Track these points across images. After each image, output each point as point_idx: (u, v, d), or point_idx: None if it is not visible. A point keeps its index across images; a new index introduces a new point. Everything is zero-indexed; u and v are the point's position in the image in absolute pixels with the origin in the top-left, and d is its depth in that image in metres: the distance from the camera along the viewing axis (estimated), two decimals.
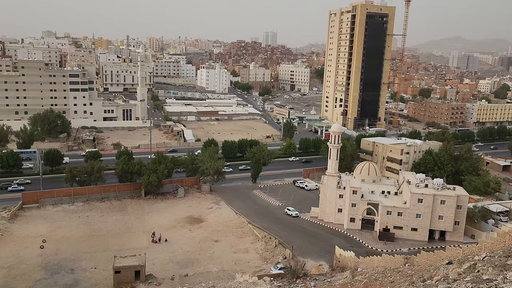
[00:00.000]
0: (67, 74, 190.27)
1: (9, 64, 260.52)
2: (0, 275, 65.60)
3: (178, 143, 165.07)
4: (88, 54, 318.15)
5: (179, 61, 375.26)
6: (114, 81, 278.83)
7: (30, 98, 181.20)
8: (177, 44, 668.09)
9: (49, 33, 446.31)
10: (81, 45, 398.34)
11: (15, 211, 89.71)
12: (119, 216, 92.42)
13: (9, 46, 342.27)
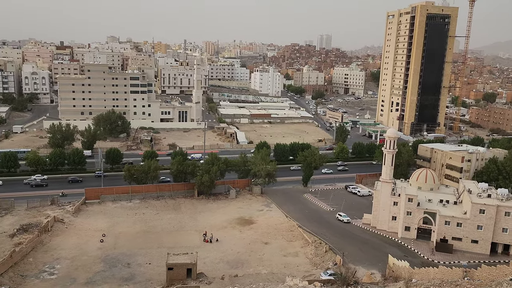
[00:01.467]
0: (128, 77, 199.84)
1: (76, 67, 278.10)
2: (64, 266, 69.99)
3: (231, 145, 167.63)
4: (148, 58, 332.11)
5: (233, 64, 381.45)
6: (171, 84, 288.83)
7: (94, 100, 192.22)
8: (232, 47, 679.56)
9: (113, 38, 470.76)
10: (141, 49, 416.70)
11: (78, 206, 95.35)
12: (173, 214, 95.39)
13: (77, 50, 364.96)
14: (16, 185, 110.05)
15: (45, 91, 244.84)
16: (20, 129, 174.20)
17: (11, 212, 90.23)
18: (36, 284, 64.29)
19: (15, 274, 65.74)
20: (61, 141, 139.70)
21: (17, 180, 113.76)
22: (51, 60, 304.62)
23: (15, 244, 73.78)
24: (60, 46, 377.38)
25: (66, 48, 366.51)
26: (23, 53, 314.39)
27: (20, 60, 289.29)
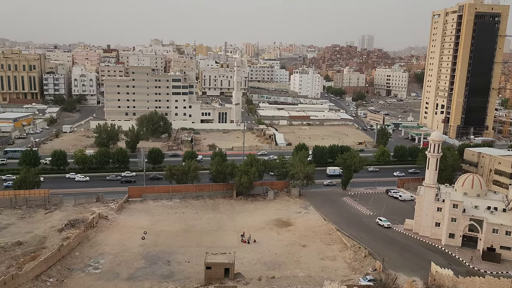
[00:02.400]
0: (170, 78, 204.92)
1: (122, 70, 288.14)
2: (108, 261, 72.65)
3: (269, 146, 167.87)
4: (190, 60, 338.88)
5: (273, 66, 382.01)
6: (211, 85, 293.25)
7: (138, 101, 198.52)
8: (271, 49, 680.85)
9: (156, 41, 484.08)
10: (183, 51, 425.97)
11: (121, 204, 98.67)
12: (212, 214, 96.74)
13: (122, 53, 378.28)
14: (64, 181, 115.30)
15: (93, 92, 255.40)
16: (69, 128, 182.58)
17: (60, 208, 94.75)
18: (82, 277, 67.11)
19: (62, 267, 68.95)
20: (106, 140, 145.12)
21: (64, 177, 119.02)
22: (98, 62, 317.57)
23: (63, 238, 77.37)
24: (106, 49, 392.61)
25: (112, 51, 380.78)
26: (73, 56, 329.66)
27: (70, 63, 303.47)
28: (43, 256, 68.50)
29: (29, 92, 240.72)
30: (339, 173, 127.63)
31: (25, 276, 62.05)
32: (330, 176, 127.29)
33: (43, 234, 79.96)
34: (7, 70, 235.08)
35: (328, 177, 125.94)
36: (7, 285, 58.50)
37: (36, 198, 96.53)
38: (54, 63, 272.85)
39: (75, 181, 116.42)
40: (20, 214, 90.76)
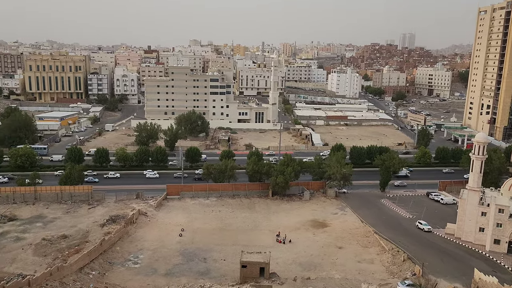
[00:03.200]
0: (208, 78, 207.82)
1: (161, 70, 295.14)
2: (146, 256, 74.67)
3: (306, 146, 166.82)
4: (227, 60, 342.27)
5: (310, 66, 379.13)
6: (249, 85, 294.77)
7: (177, 100, 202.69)
8: (309, 49, 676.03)
9: (195, 41, 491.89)
10: (221, 52, 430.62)
11: (160, 201, 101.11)
12: (247, 213, 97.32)
13: (162, 54, 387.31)
14: (106, 178, 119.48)
15: (134, 92, 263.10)
16: (111, 127, 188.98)
17: (102, 204, 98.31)
18: (122, 271, 69.34)
19: (104, 261, 71.53)
20: (146, 139, 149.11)
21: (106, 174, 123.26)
22: (139, 63, 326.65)
23: (105, 233, 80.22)
24: (147, 50, 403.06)
25: (153, 52, 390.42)
26: (116, 57, 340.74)
27: (113, 64, 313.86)
28: (86, 250, 71.35)
29: (75, 92, 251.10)
30: (405, 173, 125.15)
31: (70, 268, 64.87)
32: (398, 177, 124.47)
33: (86, 229, 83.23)
34: (55, 71, 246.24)
35: (396, 178, 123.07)
36: (53, 276, 61.39)
37: (80, 194, 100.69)
38: (98, 64, 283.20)
39: (116, 178, 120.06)
40: (66, 209, 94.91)
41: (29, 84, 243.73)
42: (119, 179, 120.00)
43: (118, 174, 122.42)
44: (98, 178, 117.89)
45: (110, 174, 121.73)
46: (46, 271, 61.66)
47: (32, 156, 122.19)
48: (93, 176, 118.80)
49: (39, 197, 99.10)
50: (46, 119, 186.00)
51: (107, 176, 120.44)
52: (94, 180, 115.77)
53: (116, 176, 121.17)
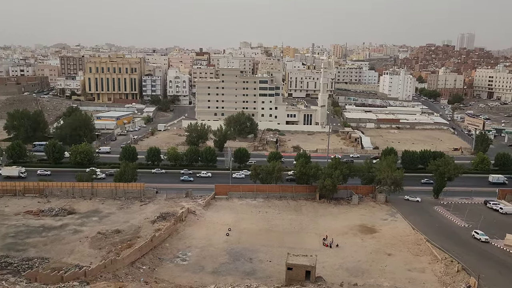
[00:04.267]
0: (258, 80, 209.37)
1: (212, 72, 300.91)
2: (194, 254, 76.36)
3: (355, 149, 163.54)
4: (277, 62, 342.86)
5: (361, 67, 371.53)
6: (298, 87, 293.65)
7: (226, 101, 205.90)
8: (360, 50, 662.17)
9: (245, 43, 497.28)
10: (271, 54, 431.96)
11: (209, 200, 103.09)
12: (294, 215, 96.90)
13: (213, 56, 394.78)
14: (157, 176, 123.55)
15: (185, 93, 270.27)
16: (163, 127, 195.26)
17: (153, 201, 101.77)
18: (171, 267, 71.36)
19: (154, 256, 73.97)
20: (196, 139, 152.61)
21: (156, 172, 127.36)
22: (191, 65, 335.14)
23: (155, 229, 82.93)
24: (199, 52, 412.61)
25: (204, 54, 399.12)
26: (169, 59, 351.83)
27: (166, 66, 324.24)
28: (137, 245, 74.12)
29: (130, 92, 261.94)
30: (503, 181, 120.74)
31: (122, 261, 67.70)
32: (493, 184, 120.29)
33: (138, 224, 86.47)
34: (112, 73, 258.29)
35: (490, 185, 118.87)
36: (107, 268, 64.38)
37: (133, 191, 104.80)
38: (152, 66, 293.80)
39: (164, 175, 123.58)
40: (119, 205, 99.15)
41: (88, 85, 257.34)
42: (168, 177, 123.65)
43: (209, 173, 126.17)
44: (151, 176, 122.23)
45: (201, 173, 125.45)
46: (101, 264, 64.78)
47: (90, 154, 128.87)
48: (189, 175, 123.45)
49: (96, 193, 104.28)
50: (103, 119, 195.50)
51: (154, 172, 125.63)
52: (189, 179, 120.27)
53: (208, 175, 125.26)
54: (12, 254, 71.55)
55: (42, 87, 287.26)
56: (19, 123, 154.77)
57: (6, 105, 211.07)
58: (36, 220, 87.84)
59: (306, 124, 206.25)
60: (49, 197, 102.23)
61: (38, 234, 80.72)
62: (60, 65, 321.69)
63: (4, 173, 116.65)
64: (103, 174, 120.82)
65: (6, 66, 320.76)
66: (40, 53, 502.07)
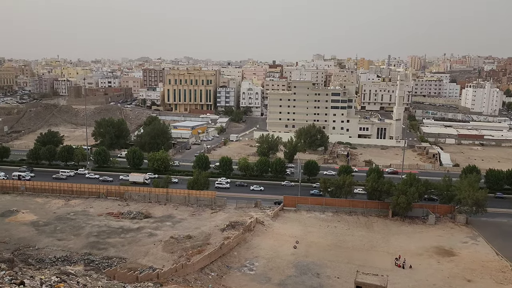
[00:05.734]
0: (330, 92, 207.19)
1: (284, 84, 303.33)
2: (261, 264, 76.74)
3: (432, 166, 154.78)
4: (350, 74, 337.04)
5: (441, 80, 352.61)
6: (371, 100, 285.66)
7: (297, 114, 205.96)
8: (440, 61, 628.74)
9: (319, 56, 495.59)
10: (344, 66, 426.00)
11: (277, 211, 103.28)
12: (364, 232, 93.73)
13: (286, 68, 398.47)
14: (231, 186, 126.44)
15: (257, 105, 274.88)
16: (235, 138, 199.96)
17: (223, 209, 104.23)
18: (238, 276, 72.33)
19: (222, 264, 75.53)
20: (266, 150, 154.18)
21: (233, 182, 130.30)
22: (264, 77, 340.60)
23: (224, 237, 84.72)
24: (272, 65, 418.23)
25: (277, 67, 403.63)
26: (243, 72, 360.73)
27: (240, 78, 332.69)
28: (207, 251, 76.22)
29: (205, 103, 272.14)
30: None
31: (192, 266, 69.98)
32: None
33: (208, 232, 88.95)
34: (189, 84, 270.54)
35: None
36: (178, 272, 66.94)
37: (205, 199, 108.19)
38: (226, 78, 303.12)
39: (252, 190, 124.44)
40: (191, 211, 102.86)
41: (167, 96, 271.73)
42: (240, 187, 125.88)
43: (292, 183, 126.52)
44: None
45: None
46: (172, 267, 67.52)
47: (166, 161, 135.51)
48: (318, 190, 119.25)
49: (170, 199, 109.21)
50: (179, 128, 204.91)
51: None
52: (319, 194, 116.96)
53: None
54: (95, 252, 77.27)
55: (126, 97, 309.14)
56: (105, 130, 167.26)
57: (95, 113, 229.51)
58: (116, 221, 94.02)
59: (379, 138, 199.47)
60: (128, 200, 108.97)
61: (117, 235, 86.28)
62: (142, 77, 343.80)
63: (132, 179, 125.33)
64: (176, 179, 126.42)
65: (96, 78, 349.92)
66: (125, 66, 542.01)
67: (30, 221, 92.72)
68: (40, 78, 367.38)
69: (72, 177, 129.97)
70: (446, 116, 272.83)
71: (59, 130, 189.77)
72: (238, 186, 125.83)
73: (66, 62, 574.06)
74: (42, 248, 78.31)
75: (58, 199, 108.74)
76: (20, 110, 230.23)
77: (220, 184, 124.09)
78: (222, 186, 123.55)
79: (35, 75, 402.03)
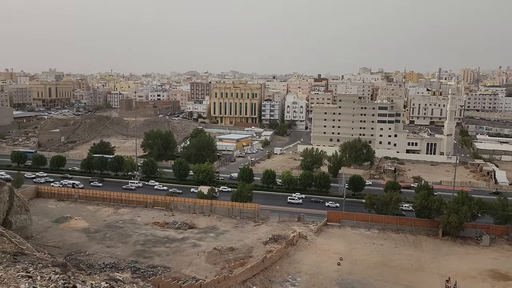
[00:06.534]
0: (377, 106, 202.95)
1: (329, 97, 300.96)
2: (304, 280, 75.55)
3: (487, 184, 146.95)
4: (398, 88, 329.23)
5: (496, 94, 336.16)
6: (421, 114, 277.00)
7: (343, 128, 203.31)
8: (496, 75, 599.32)
9: (365, 69, 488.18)
10: (392, 79, 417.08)
11: (320, 226, 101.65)
12: (412, 251, 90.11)
13: (331, 82, 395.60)
14: (271, 198, 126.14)
15: (302, 118, 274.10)
16: (279, 151, 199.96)
17: (266, 222, 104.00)
18: None
19: (264, 277, 75.11)
20: (310, 164, 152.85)
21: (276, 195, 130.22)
22: (309, 91, 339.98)
23: (267, 251, 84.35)
24: (317, 79, 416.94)
25: (322, 80, 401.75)
26: (288, 85, 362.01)
27: (284, 92, 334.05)
28: (249, 264, 76.15)
29: (250, 116, 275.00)
30: None
31: (234, 279, 70.11)
32: None
33: (251, 244, 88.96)
34: (235, 97, 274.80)
35: None
36: (220, 284, 67.29)
37: (248, 211, 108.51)
38: (271, 91, 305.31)
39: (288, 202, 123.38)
40: (235, 223, 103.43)
41: (213, 108, 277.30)
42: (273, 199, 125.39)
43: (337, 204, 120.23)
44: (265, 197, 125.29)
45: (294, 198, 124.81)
46: (215, 279, 67.97)
47: (211, 173, 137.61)
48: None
49: (214, 210, 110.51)
50: (224, 140, 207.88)
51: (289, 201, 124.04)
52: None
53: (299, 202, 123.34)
54: (141, 260, 79.38)
55: (174, 110, 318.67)
56: (153, 142, 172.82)
57: (144, 125, 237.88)
58: (162, 231, 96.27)
59: (429, 153, 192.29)
60: (174, 211, 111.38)
61: (162, 244, 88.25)
62: (190, 90, 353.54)
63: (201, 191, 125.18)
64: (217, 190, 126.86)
65: (146, 91, 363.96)
66: (174, 80, 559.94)
67: (82, 227, 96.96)
68: (95, 91, 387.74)
69: (141, 188, 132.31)
70: (502, 132, 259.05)
71: (111, 141, 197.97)
72: (313, 203, 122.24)
73: (119, 76, 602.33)
74: (92, 254, 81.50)
75: (108, 207, 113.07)
76: (76, 122, 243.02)
77: (292, 199, 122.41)
78: (294, 201, 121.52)
79: (90, 89, 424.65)
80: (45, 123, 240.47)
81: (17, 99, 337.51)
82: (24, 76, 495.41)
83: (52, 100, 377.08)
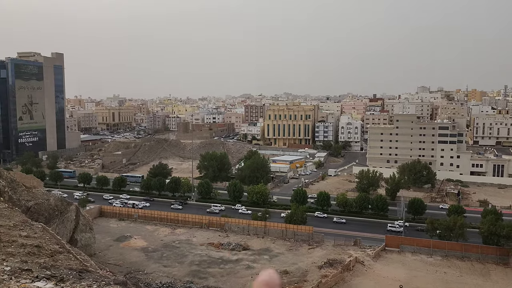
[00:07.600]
0: (437, 126, 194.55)
1: (386, 117, 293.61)
2: None
3: None
4: (460, 107, 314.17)
5: None
6: (485, 134, 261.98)
7: (400, 149, 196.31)
8: None
9: (423, 88, 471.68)
10: (453, 98, 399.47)
11: (378, 251, 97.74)
12: (480, 281, 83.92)
13: (387, 102, 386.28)
14: (325, 221, 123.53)
15: (357, 139, 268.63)
16: (334, 172, 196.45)
17: (321, 246, 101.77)
18: None
19: None
20: (366, 186, 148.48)
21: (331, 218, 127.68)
22: (364, 111, 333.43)
23: (322, 275, 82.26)
24: (372, 99, 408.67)
25: (378, 100, 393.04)
26: (342, 106, 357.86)
27: (338, 112, 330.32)
28: None
29: (303, 138, 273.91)
30: None
31: None
32: None
33: (305, 268, 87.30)
34: (288, 119, 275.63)
35: None
36: None
37: (302, 234, 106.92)
38: (325, 112, 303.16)
39: (333, 222, 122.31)
40: (289, 246, 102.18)
41: (267, 130, 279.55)
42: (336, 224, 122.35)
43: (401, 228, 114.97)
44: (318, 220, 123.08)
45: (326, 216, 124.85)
46: None
47: (265, 194, 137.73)
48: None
49: (268, 232, 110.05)
50: (278, 162, 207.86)
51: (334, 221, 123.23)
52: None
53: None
54: (196, 280, 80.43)
55: (229, 132, 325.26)
56: (208, 163, 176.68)
57: (200, 147, 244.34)
58: (216, 252, 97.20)
59: (496, 175, 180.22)
60: (228, 232, 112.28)
61: (217, 265, 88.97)
62: (244, 112, 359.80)
63: None
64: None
65: (202, 114, 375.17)
66: (229, 103, 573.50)
67: (141, 247, 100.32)
68: (154, 115, 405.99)
69: (223, 211, 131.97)
70: None
71: (168, 162, 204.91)
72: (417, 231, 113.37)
73: (177, 100, 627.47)
74: (150, 273, 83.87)
75: (166, 227, 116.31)
76: (136, 144, 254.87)
77: (392, 227, 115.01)
78: (395, 229, 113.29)
79: (150, 113, 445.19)
80: (109, 146, 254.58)
81: (84, 123, 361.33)
82: (91, 102, 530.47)
83: (116, 124, 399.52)
